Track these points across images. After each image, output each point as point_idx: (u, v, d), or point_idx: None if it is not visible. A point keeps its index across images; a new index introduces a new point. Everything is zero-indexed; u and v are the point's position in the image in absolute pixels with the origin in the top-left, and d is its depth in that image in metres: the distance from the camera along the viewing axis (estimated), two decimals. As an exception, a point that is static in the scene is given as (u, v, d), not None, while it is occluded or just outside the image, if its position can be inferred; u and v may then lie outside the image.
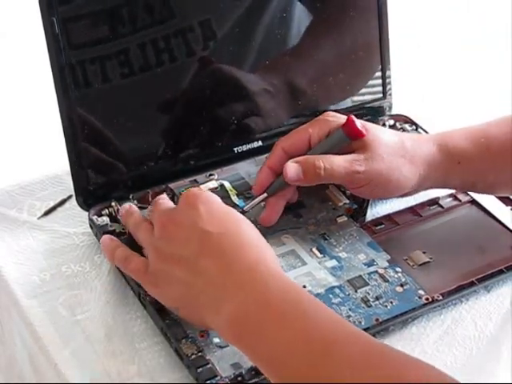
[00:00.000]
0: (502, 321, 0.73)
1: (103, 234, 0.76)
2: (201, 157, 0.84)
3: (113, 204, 0.79)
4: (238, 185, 0.84)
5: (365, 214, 0.83)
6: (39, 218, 0.84)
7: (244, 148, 0.85)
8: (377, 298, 0.73)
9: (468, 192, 0.85)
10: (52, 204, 0.85)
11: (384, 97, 0.93)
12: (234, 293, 0.64)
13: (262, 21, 0.84)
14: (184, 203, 0.70)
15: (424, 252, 0.78)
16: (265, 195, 0.78)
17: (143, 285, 0.70)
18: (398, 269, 0.76)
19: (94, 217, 0.79)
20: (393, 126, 0.93)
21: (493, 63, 1.31)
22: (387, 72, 0.92)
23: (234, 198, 0.82)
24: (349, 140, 0.76)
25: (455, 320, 0.73)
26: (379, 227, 0.81)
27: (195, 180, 0.83)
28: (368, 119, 0.88)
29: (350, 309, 0.72)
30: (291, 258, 0.76)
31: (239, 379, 0.66)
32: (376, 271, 0.76)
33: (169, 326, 0.69)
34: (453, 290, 0.74)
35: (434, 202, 0.84)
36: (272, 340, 0.61)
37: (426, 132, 0.92)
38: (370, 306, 0.72)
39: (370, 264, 0.76)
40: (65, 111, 0.76)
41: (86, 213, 0.79)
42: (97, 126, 0.78)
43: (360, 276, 0.75)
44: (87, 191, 0.79)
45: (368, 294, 0.73)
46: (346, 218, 0.82)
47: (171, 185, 0.82)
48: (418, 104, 0.99)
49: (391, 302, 0.73)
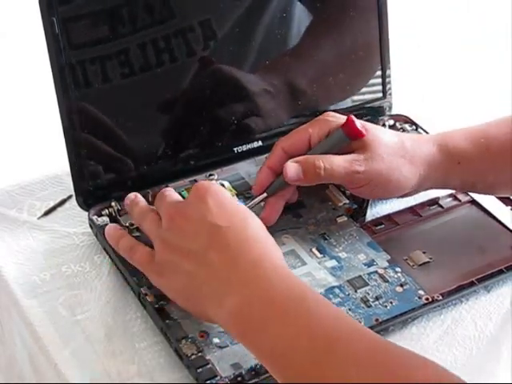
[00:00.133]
0: (502, 321, 0.73)
1: (103, 234, 0.76)
2: (201, 157, 0.83)
3: (113, 204, 0.79)
4: (238, 185, 0.84)
5: (365, 214, 0.83)
6: (39, 218, 0.84)
7: (244, 148, 0.85)
8: (377, 298, 0.73)
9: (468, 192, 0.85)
10: (52, 204, 0.85)
11: (384, 97, 0.93)
12: (238, 288, 0.64)
13: (262, 21, 0.84)
14: (193, 196, 0.70)
15: (424, 252, 0.78)
16: (265, 195, 0.78)
17: (148, 274, 0.70)
18: (398, 269, 0.76)
19: (94, 217, 0.79)
20: (393, 126, 0.92)
21: (493, 63, 1.31)
22: (387, 72, 0.92)
23: (234, 198, 0.82)
24: (349, 140, 0.76)
25: (455, 320, 0.73)
26: (379, 227, 0.81)
27: (195, 180, 0.83)
28: (368, 119, 0.88)
29: (350, 309, 0.72)
30: (291, 258, 0.76)
31: (239, 379, 0.66)
32: (376, 271, 0.76)
33: (169, 326, 0.69)
34: (453, 290, 0.74)
35: (434, 202, 0.84)
36: (275, 336, 0.61)
37: (426, 132, 0.92)
38: (370, 306, 0.72)
39: (370, 264, 0.76)
40: (65, 111, 0.76)
41: (86, 213, 0.79)
42: (97, 126, 0.78)
43: (360, 276, 0.75)
44: (87, 191, 0.79)
45: (368, 294, 0.73)
46: (346, 218, 0.81)
47: (171, 185, 0.81)
48: (418, 104, 0.99)
49: (391, 302, 0.73)
